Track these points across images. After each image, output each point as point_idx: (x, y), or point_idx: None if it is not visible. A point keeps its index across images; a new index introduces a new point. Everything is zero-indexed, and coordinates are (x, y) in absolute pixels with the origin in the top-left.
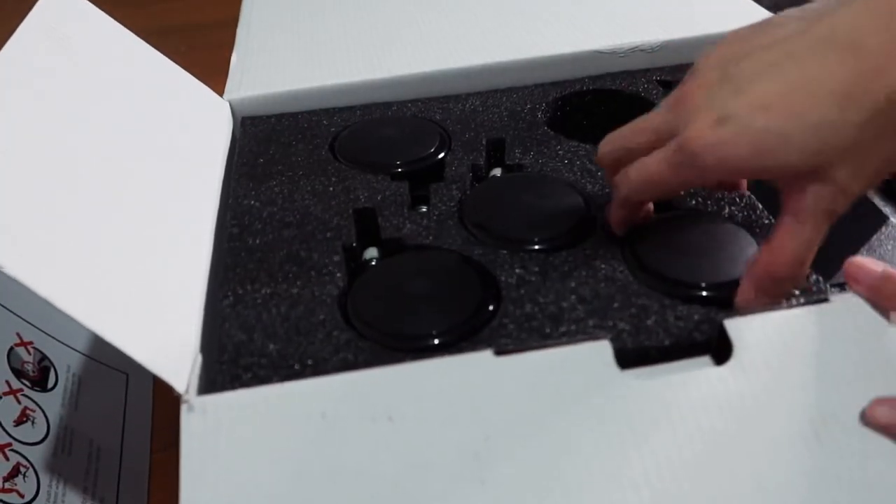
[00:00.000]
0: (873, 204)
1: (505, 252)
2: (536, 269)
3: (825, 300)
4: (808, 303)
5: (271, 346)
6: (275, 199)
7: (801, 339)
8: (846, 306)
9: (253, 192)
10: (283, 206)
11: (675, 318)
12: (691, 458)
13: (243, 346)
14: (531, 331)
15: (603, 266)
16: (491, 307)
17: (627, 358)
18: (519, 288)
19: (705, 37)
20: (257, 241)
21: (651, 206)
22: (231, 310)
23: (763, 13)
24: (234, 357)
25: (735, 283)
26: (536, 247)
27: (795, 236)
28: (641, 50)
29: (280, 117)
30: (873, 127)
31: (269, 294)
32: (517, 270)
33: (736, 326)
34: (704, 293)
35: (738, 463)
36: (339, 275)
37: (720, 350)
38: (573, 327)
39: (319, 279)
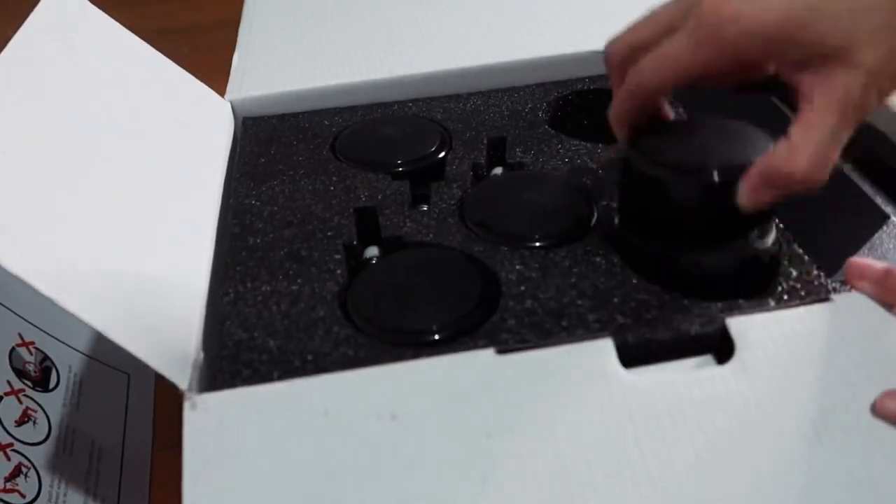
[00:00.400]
0: (874, 202)
1: (505, 249)
2: (536, 265)
3: (827, 299)
4: (810, 302)
5: (272, 343)
6: (276, 199)
7: (802, 338)
8: (848, 305)
9: (254, 192)
10: (283, 206)
11: (675, 313)
12: (693, 457)
13: (244, 343)
14: (532, 326)
15: (603, 261)
16: (491, 303)
17: (629, 352)
18: (519, 284)
19: None
20: (258, 240)
21: (667, 108)
22: (232, 307)
23: None
24: (234, 354)
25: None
26: (537, 244)
27: (820, 128)
28: None
29: (281, 118)
30: None
31: (270, 291)
32: (517, 267)
33: (738, 325)
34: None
35: (739, 462)
36: (339, 272)
37: (722, 349)
38: (574, 322)
39: (320, 276)
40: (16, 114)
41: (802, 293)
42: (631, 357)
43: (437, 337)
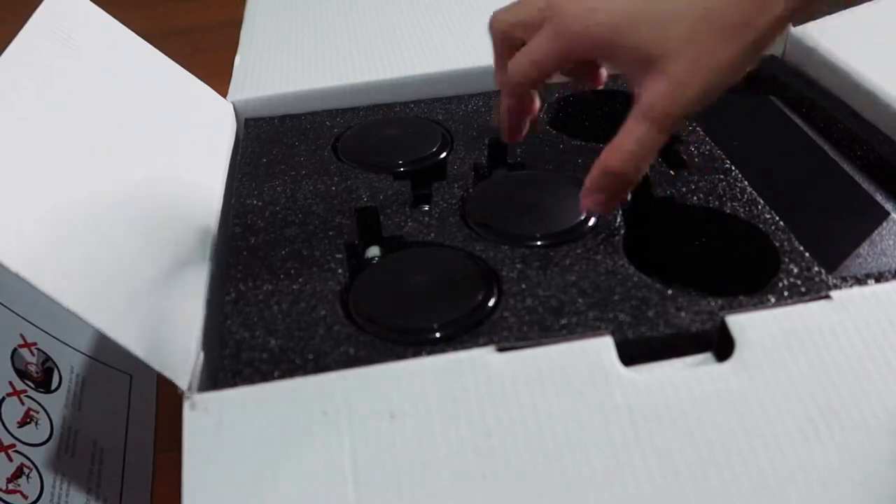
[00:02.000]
0: (874, 199)
1: (506, 247)
2: (537, 263)
3: (827, 297)
4: (810, 299)
5: (273, 342)
6: (277, 199)
7: (802, 336)
8: (848, 302)
9: (256, 192)
10: (285, 206)
11: (675, 310)
12: (692, 455)
13: (245, 343)
14: (532, 324)
15: (603, 260)
16: (492, 301)
17: (629, 350)
18: (520, 282)
19: None
20: (259, 240)
21: (536, 104)
22: (233, 306)
23: None
24: (235, 353)
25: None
26: (538, 243)
27: (632, 133)
28: None
29: (283, 118)
30: (712, 24)
31: (271, 291)
32: (518, 265)
33: (738, 322)
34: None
35: (738, 460)
36: (340, 271)
37: (722, 346)
38: (574, 320)
39: (321, 276)
40: (18, 113)
41: (803, 290)
42: (631, 355)
43: (437, 335)
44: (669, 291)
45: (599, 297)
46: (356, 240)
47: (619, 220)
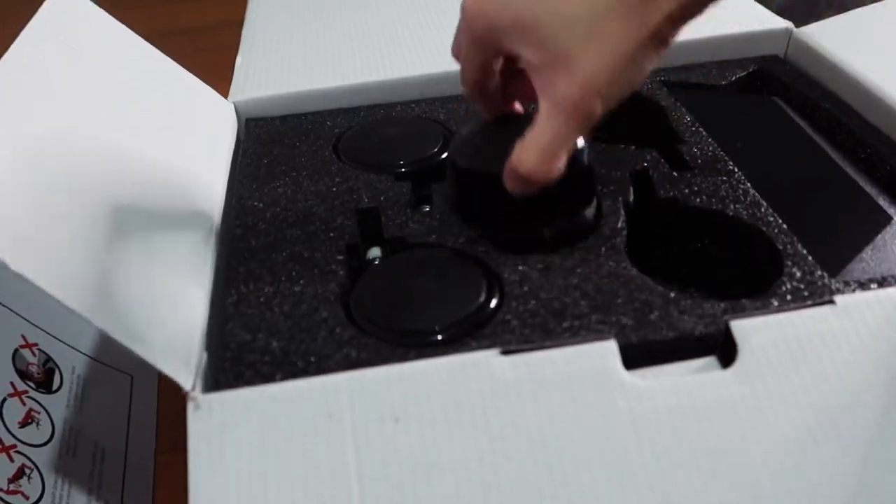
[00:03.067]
0: (878, 204)
1: (508, 249)
2: (539, 265)
3: (831, 301)
4: (813, 304)
5: (274, 344)
6: (278, 200)
7: (805, 342)
8: (851, 308)
9: (257, 193)
10: (286, 207)
11: (678, 313)
12: (693, 463)
13: (246, 345)
14: (534, 327)
15: (606, 262)
16: (493, 303)
17: (632, 353)
18: (522, 284)
19: (709, 38)
20: (261, 241)
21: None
22: (234, 309)
23: (766, 14)
24: (237, 355)
25: None
26: (540, 244)
27: (544, 129)
28: None
29: (284, 119)
30: (616, 23)
31: (273, 293)
32: (520, 267)
33: (741, 328)
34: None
35: (739, 469)
36: (341, 273)
37: (726, 351)
38: (577, 323)
39: (322, 278)
40: (19, 114)
41: (805, 294)
42: (634, 358)
43: (439, 338)
44: (672, 294)
45: (602, 300)
46: (357, 241)
47: (621, 221)
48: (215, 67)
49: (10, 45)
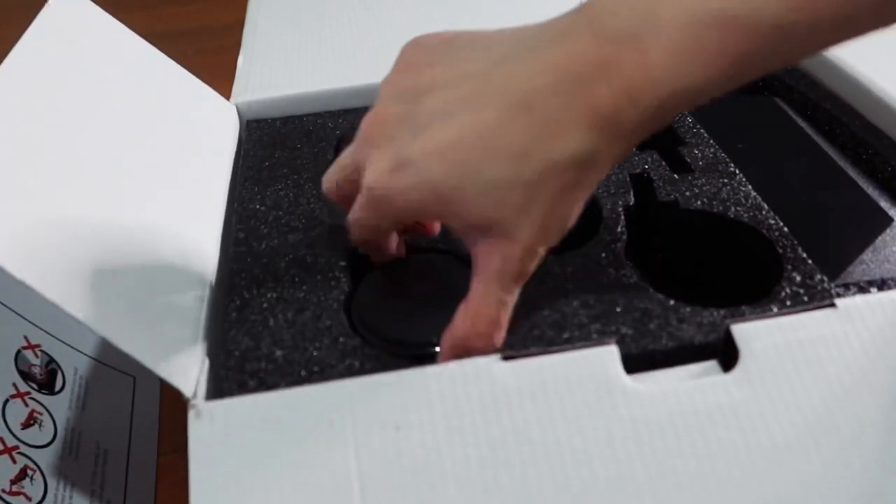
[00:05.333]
0: (878, 205)
1: None
2: (537, 273)
3: (832, 305)
4: (814, 307)
5: (278, 353)
6: (280, 203)
7: (806, 346)
8: (853, 311)
9: (258, 196)
10: (288, 210)
11: (678, 322)
12: (694, 469)
13: (250, 353)
14: (534, 340)
15: (606, 269)
16: None
17: (632, 363)
18: (520, 295)
19: None
20: (263, 246)
21: (401, 246)
22: (237, 315)
23: None
24: (240, 363)
25: None
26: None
27: (481, 299)
28: None
29: (285, 120)
30: (548, 186)
31: (275, 299)
32: None
33: (742, 332)
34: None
35: (739, 473)
36: (344, 279)
37: (727, 355)
38: (576, 333)
39: (325, 284)
40: (21, 116)
41: (805, 299)
42: (635, 367)
43: (439, 349)
44: (671, 302)
45: (602, 310)
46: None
47: (621, 226)
48: (217, 69)
49: (13, 45)
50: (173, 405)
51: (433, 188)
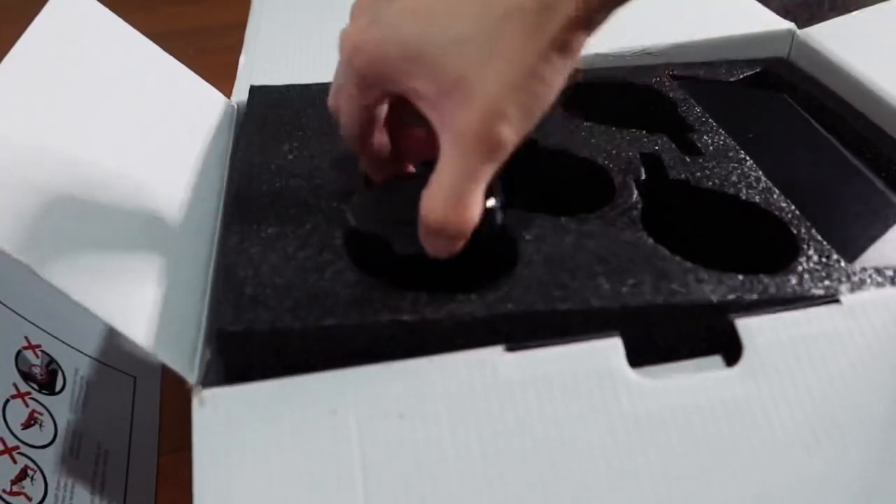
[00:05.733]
0: (887, 198)
1: (523, 213)
2: (552, 227)
3: (836, 301)
4: (819, 303)
5: (278, 280)
6: (284, 156)
7: (810, 341)
8: (857, 307)
9: (260, 153)
10: (292, 162)
11: (696, 281)
12: (696, 463)
13: (249, 280)
14: (548, 286)
15: (621, 232)
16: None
17: (636, 348)
18: (537, 242)
19: (712, 39)
20: (264, 189)
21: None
22: (237, 247)
23: (769, 16)
24: (239, 288)
25: None
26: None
27: (447, 170)
28: (649, 53)
29: (289, 88)
30: (509, 34)
31: (276, 235)
32: (535, 230)
33: (746, 327)
34: None
35: (742, 469)
36: (348, 216)
37: (731, 349)
38: (588, 282)
39: (327, 223)
40: (23, 113)
41: (823, 274)
42: (639, 354)
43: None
44: (689, 264)
45: (617, 264)
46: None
47: (635, 196)
48: (218, 68)
49: (14, 43)
50: (174, 405)
51: (401, 42)
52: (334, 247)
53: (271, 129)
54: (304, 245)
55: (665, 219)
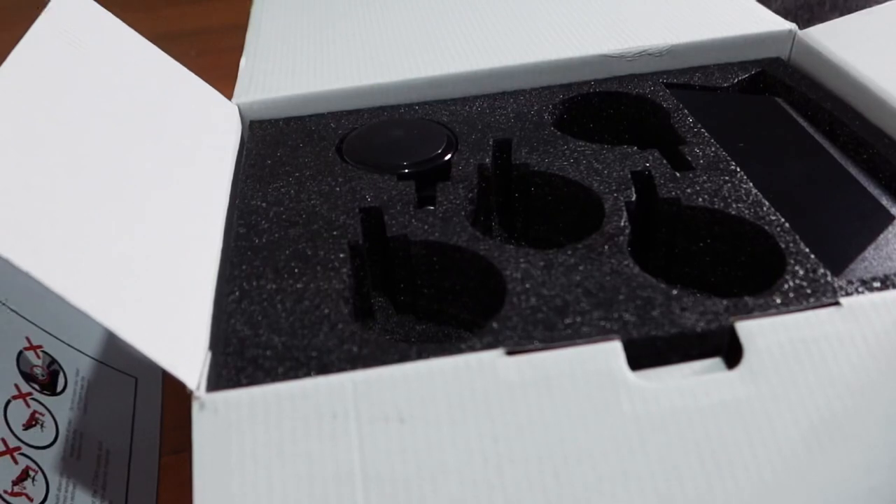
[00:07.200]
0: (880, 203)
1: (511, 247)
2: (542, 263)
3: (837, 303)
4: (819, 305)
5: (276, 340)
6: (281, 200)
7: (810, 344)
8: (857, 310)
9: (260, 193)
10: (289, 207)
11: (680, 310)
12: (697, 465)
13: (248, 340)
14: (536, 323)
15: (607, 261)
16: (496, 299)
17: (635, 349)
18: (524, 281)
19: (712, 41)
20: (263, 240)
21: None
22: (237, 305)
23: (770, 16)
24: (239, 350)
25: None
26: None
27: None
28: (649, 54)
29: (288, 121)
30: None
31: (275, 290)
32: (522, 264)
33: (747, 329)
34: None
35: (742, 471)
36: (344, 270)
37: (731, 352)
38: (578, 319)
39: (325, 275)
40: (24, 115)
41: (808, 291)
42: (637, 355)
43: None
44: (674, 292)
45: (604, 297)
46: (360, 239)
47: (623, 220)
48: (219, 69)
49: (15, 45)
50: (175, 406)
51: None
52: (331, 299)
53: (270, 171)
54: (302, 299)
55: (656, 238)
